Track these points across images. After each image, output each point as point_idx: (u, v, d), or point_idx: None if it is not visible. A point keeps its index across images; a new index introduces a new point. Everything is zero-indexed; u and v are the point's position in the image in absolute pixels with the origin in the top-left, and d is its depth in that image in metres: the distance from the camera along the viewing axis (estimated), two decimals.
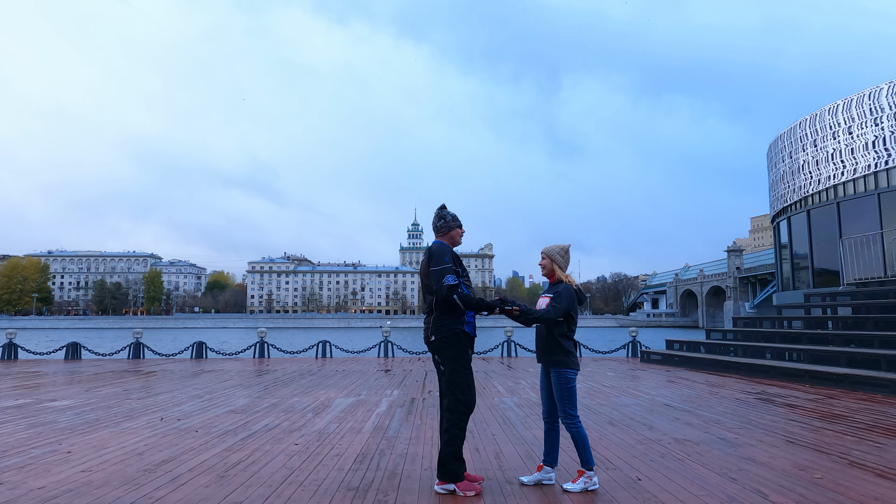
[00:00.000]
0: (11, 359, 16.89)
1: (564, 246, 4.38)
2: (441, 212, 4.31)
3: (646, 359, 15.43)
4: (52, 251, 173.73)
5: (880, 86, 16.89)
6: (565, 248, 4.37)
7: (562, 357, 4.15)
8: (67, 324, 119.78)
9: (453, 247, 4.25)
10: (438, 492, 3.96)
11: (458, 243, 4.30)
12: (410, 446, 5.51)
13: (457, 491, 3.92)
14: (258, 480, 4.31)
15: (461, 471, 3.98)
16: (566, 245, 4.38)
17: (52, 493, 3.98)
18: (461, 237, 4.30)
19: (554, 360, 4.18)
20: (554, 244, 4.39)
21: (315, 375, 12.16)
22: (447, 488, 3.95)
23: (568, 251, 4.37)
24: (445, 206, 4.34)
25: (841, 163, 18.00)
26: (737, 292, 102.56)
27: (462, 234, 4.31)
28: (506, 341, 17.90)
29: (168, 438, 5.85)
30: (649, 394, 9.15)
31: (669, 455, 5.08)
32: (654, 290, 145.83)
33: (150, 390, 9.83)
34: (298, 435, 6.05)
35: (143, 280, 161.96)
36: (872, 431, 6.08)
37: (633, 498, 3.86)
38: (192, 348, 17.83)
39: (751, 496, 3.87)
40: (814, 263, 19.35)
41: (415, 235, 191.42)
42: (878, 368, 9.82)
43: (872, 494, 3.91)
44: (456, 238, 4.27)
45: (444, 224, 4.26)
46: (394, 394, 9.27)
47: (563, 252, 4.34)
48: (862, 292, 14.13)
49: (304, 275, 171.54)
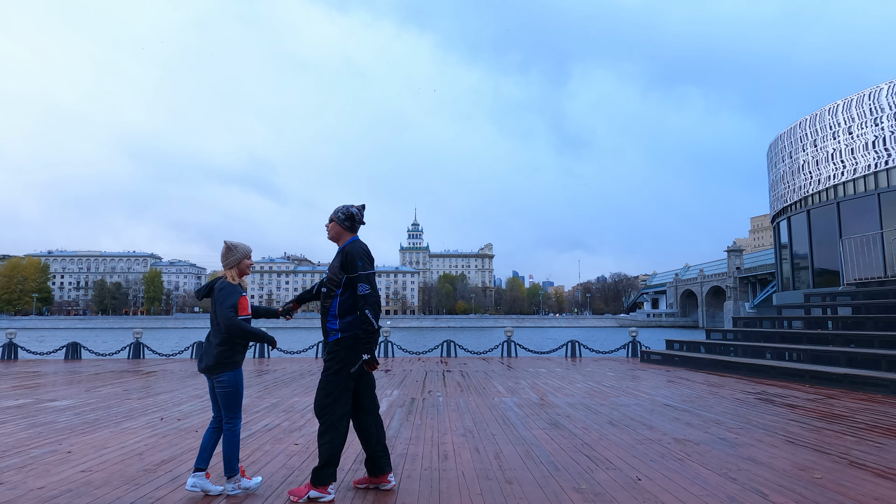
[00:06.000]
0: (11, 359, 16.88)
1: (235, 243, 4.10)
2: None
3: (646, 359, 15.42)
4: (52, 251, 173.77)
5: (880, 86, 16.89)
6: (227, 245, 4.08)
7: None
8: (67, 324, 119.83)
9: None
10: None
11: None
12: (410, 446, 5.51)
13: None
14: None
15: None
16: (230, 243, 4.10)
17: (52, 493, 3.98)
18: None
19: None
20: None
21: (315, 375, 12.15)
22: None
23: (234, 249, 4.07)
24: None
25: (841, 163, 18.00)
26: (737, 292, 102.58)
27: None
28: (506, 341, 17.90)
29: (168, 438, 5.85)
30: (649, 394, 9.15)
31: (669, 455, 5.08)
32: (654, 290, 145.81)
33: (150, 390, 9.82)
34: (298, 435, 6.05)
35: (143, 280, 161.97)
36: (872, 431, 6.08)
37: (633, 498, 3.86)
38: (192, 348, 17.82)
39: (751, 496, 3.87)
40: (814, 263, 19.35)
41: (415, 235, 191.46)
42: (878, 368, 9.82)
43: (872, 494, 3.91)
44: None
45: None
46: (394, 394, 9.27)
47: (228, 249, 4.07)
48: (862, 292, 14.13)
49: (304, 275, 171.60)
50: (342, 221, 4.12)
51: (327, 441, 3.87)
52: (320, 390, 3.97)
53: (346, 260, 3.97)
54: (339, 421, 3.92)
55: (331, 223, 4.15)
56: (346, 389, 3.96)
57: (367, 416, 4.13)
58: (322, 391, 3.95)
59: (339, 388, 3.93)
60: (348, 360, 3.94)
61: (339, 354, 3.94)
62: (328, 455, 3.87)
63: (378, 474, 4.10)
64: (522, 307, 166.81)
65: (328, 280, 4.05)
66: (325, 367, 3.99)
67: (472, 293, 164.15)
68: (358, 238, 4.16)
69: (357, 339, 3.94)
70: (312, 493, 3.84)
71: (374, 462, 4.09)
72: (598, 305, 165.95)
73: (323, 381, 3.97)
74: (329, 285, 4.03)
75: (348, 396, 3.98)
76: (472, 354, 18.43)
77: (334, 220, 4.14)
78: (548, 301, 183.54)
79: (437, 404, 8.18)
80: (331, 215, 4.17)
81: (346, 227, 4.13)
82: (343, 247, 4.07)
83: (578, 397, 8.80)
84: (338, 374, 3.93)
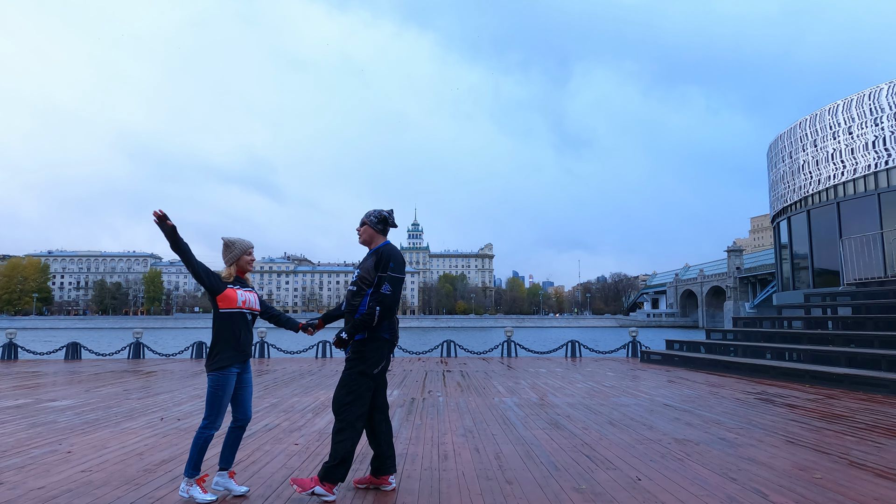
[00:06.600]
0: (11, 359, 16.89)
1: (233, 240, 4.07)
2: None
3: (646, 359, 15.42)
4: (52, 251, 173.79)
5: (880, 86, 16.90)
6: (225, 242, 4.05)
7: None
8: (67, 324, 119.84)
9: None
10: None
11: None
12: (410, 446, 5.51)
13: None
14: (258, 480, 4.30)
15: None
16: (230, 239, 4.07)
17: (52, 493, 3.98)
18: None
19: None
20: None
21: (315, 375, 12.16)
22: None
23: (232, 246, 4.05)
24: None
25: (841, 163, 18.00)
26: (737, 292, 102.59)
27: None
28: (506, 341, 17.90)
29: (168, 438, 5.84)
30: (649, 394, 9.15)
31: (669, 455, 5.08)
32: (654, 290, 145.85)
33: (150, 390, 9.82)
34: (298, 435, 6.05)
35: (144, 280, 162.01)
36: (872, 431, 6.08)
37: (633, 498, 3.86)
38: (192, 348, 17.83)
39: (751, 496, 3.87)
40: (814, 263, 19.35)
41: (415, 235, 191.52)
42: (878, 368, 9.82)
43: (872, 494, 3.91)
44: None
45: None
46: (394, 394, 9.27)
47: (225, 246, 4.04)
48: (862, 292, 14.12)
49: (304, 275, 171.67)
50: (375, 225, 4.16)
51: (344, 439, 3.86)
52: (342, 387, 3.95)
53: (381, 260, 4.00)
54: (356, 420, 3.91)
55: (363, 227, 4.19)
56: (367, 389, 3.96)
57: (380, 414, 4.14)
58: (343, 388, 3.94)
59: (361, 388, 3.93)
60: (372, 360, 3.96)
61: (365, 354, 3.95)
62: (344, 453, 3.85)
63: (381, 475, 4.10)
64: (522, 307, 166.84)
65: (359, 279, 4.05)
66: (349, 366, 3.98)
67: (472, 293, 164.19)
68: (390, 242, 4.21)
69: (384, 341, 3.98)
70: (318, 489, 3.82)
71: (381, 462, 4.09)
72: (598, 305, 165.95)
73: (345, 379, 3.96)
74: (360, 283, 4.03)
75: (368, 396, 3.98)
76: (472, 354, 18.43)
77: (367, 223, 4.18)
78: (548, 301, 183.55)
79: (437, 404, 8.18)
80: (362, 219, 4.21)
81: (379, 231, 4.18)
82: (378, 247, 4.10)
83: (578, 397, 8.80)
84: (363, 374, 3.94)
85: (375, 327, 3.96)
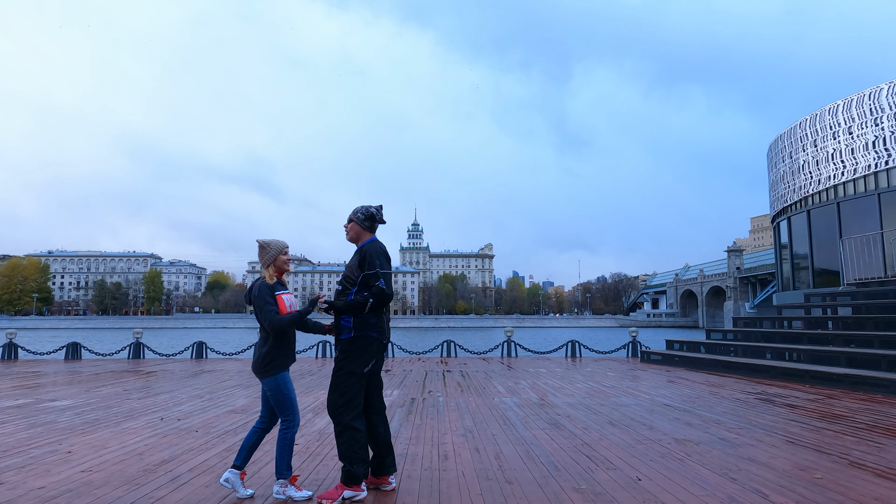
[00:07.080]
0: (11, 359, 16.89)
1: (267, 241, 4.06)
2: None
3: (646, 359, 15.42)
4: (52, 251, 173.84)
5: (880, 86, 16.90)
6: (260, 244, 4.04)
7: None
8: (67, 324, 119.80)
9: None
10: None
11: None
12: (410, 446, 5.51)
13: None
14: (258, 480, 4.30)
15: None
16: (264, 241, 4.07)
17: (52, 493, 3.98)
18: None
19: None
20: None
21: (315, 375, 12.15)
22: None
23: (267, 247, 4.02)
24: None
25: (841, 163, 18.01)
26: (737, 292, 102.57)
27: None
28: (506, 341, 17.90)
29: (168, 438, 5.85)
30: (649, 394, 9.15)
31: (669, 455, 5.08)
32: (654, 290, 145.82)
33: (150, 390, 9.82)
34: (298, 435, 6.04)
35: (143, 280, 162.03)
36: (872, 431, 6.08)
37: (633, 498, 3.86)
38: (193, 348, 17.83)
39: (751, 496, 3.87)
40: (814, 263, 19.35)
41: (415, 235, 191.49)
42: (878, 368, 9.82)
43: (872, 494, 3.91)
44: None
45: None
46: (394, 394, 9.27)
47: (261, 248, 4.03)
48: (862, 292, 14.12)
49: (305, 275, 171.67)
50: (362, 222, 4.13)
51: (346, 440, 3.86)
52: (333, 390, 3.95)
53: (364, 258, 3.97)
54: (354, 421, 3.90)
55: (350, 224, 4.15)
56: (359, 389, 3.95)
57: (376, 416, 4.13)
58: (335, 391, 3.94)
59: (352, 389, 3.92)
60: (361, 359, 3.94)
61: (352, 354, 3.94)
62: (351, 454, 3.85)
63: (381, 475, 4.10)
64: (522, 307, 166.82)
65: (344, 278, 4.04)
66: (338, 367, 3.97)
67: (473, 293, 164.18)
68: (376, 238, 4.17)
69: (372, 340, 3.95)
70: (347, 492, 3.81)
71: (380, 462, 4.09)
72: (598, 305, 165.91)
73: (335, 381, 3.95)
74: (344, 283, 4.02)
75: (361, 396, 3.98)
76: (472, 354, 18.43)
77: (354, 220, 4.14)
78: (548, 301, 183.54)
79: (438, 404, 8.18)
80: (350, 216, 4.17)
81: (366, 228, 4.14)
82: (363, 245, 4.07)
83: (578, 397, 8.80)
84: (351, 374, 3.92)
85: (363, 325, 3.94)
